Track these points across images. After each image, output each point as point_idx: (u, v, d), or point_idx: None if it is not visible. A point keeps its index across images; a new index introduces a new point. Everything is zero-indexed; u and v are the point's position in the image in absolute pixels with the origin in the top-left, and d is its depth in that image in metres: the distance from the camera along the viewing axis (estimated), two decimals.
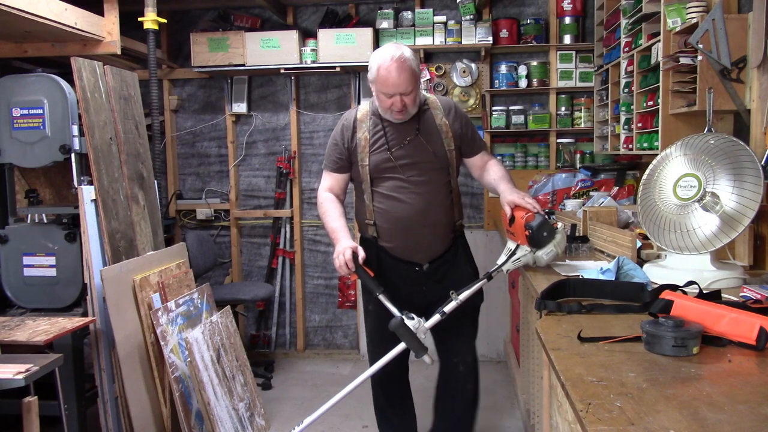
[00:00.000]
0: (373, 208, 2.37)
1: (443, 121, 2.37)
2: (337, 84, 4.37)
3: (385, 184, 2.35)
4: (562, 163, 4.20)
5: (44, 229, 2.93)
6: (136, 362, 2.71)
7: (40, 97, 2.79)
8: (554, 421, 1.60)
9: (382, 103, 2.27)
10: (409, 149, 2.32)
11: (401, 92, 2.21)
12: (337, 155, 2.40)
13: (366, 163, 2.34)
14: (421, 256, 2.38)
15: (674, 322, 1.34)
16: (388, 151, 2.32)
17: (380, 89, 2.23)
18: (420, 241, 2.36)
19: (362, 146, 2.34)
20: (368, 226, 2.40)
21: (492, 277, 2.18)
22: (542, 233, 2.11)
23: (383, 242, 2.39)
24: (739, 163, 1.80)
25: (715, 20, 2.18)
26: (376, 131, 2.35)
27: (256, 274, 4.52)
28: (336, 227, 2.32)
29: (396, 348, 2.13)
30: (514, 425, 3.26)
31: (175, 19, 4.39)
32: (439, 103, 2.42)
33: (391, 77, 2.18)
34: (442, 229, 2.39)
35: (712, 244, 1.81)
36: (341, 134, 2.39)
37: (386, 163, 2.32)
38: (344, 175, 2.44)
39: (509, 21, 4.10)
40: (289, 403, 3.61)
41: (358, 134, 2.35)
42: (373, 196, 2.37)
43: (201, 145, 4.50)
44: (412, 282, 2.39)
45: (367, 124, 2.36)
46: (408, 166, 2.32)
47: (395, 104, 2.23)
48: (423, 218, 2.33)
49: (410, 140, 2.32)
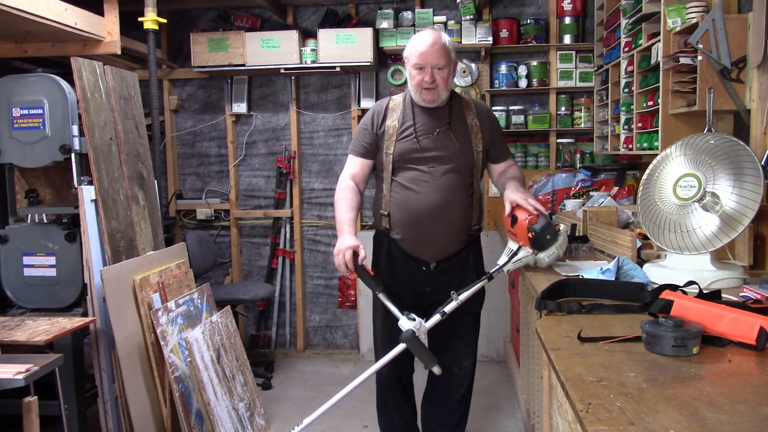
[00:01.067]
0: (389, 198, 2.35)
1: (475, 122, 2.36)
2: (337, 84, 4.37)
3: (405, 174, 2.33)
4: (562, 163, 4.20)
5: (44, 229, 2.93)
6: (136, 362, 2.71)
7: (40, 97, 2.79)
8: (554, 421, 1.60)
9: (412, 79, 2.27)
10: (437, 141, 2.31)
11: (432, 64, 2.21)
12: (366, 140, 2.39)
13: (391, 151, 2.32)
14: (430, 254, 2.36)
15: (674, 322, 1.34)
16: (415, 139, 2.30)
17: (412, 61, 2.24)
18: (430, 237, 2.33)
19: (390, 134, 2.33)
20: (382, 217, 2.38)
21: (493, 277, 2.18)
22: (545, 236, 2.10)
23: (394, 234, 2.37)
24: (739, 163, 1.80)
25: (715, 20, 2.18)
26: (405, 120, 2.34)
27: (256, 274, 4.53)
28: (343, 219, 2.28)
29: (396, 348, 2.12)
30: (514, 425, 3.25)
31: (175, 19, 4.39)
32: (473, 104, 2.42)
33: (424, 46, 2.20)
34: (455, 229, 2.36)
35: (712, 244, 1.81)
36: (371, 120, 2.38)
37: (412, 153, 2.30)
38: (369, 162, 2.41)
39: (509, 21, 4.10)
40: (289, 403, 3.61)
41: (388, 121, 2.35)
42: (392, 185, 2.35)
43: (201, 145, 4.50)
44: (417, 280, 2.38)
45: (398, 113, 2.35)
46: (432, 159, 2.30)
47: (426, 78, 2.22)
48: (438, 214, 2.30)
49: (439, 132, 2.31)
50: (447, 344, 2.48)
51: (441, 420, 2.57)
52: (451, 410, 2.55)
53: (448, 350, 2.48)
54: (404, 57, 2.31)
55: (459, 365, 2.49)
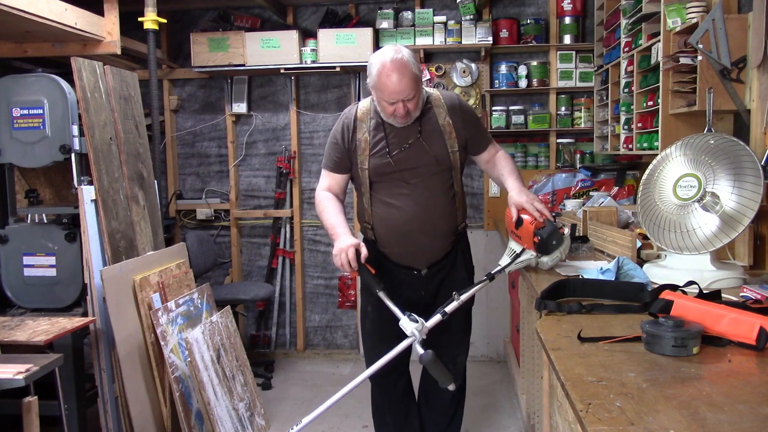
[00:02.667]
0: (371, 213, 2.33)
1: (447, 121, 2.27)
2: (337, 84, 4.37)
3: (384, 190, 2.28)
4: (562, 163, 4.20)
5: (44, 229, 2.93)
6: (136, 362, 2.71)
7: (40, 97, 2.79)
8: (554, 421, 1.60)
9: (384, 110, 2.17)
10: (410, 153, 2.24)
11: (403, 99, 2.11)
12: (337, 155, 2.32)
13: (366, 167, 2.26)
14: (420, 262, 2.35)
15: (674, 322, 1.34)
16: (389, 155, 2.23)
17: (381, 96, 2.14)
18: (418, 248, 2.32)
19: (362, 148, 2.26)
20: (367, 229, 2.37)
21: (494, 277, 2.17)
22: (552, 241, 2.06)
23: (381, 247, 2.36)
24: (739, 163, 1.80)
25: (715, 20, 2.18)
26: (376, 133, 2.26)
27: (256, 274, 4.52)
28: (335, 223, 2.23)
29: (397, 347, 2.11)
30: (514, 425, 3.25)
31: (175, 19, 4.39)
32: (442, 99, 2.30)
33: (392, 84, 2.07)
34: (441, 236, 2.34)
35: (712, 244, 1.81)
36: (341, 134, 2.30)
37: (386, 167, 2.24)
38: (344, 176, 2.36)
39: (509, 21, 4.10)
40: (289, 403, 3.61)
41: (358, 135, 2.27)
42: (372, 200, 2.31)
43: (201, 145, 4.50)
44: (410, 285, 2.38)
45: (368, 124, 2.26)
46: (408, 171, 2.25)
47: (398, 111, 2.13)
48: (422, 226, 2.27)
49: (411, 143, 2.23)
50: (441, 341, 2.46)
51: (437, 416, 2.59)
52: (447, 405, 2.56)
53: (443, 347, 2.47)
54: (369, 82, 2.17)
55: (454, 361, 2.50)
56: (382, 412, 2.61)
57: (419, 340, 2.01)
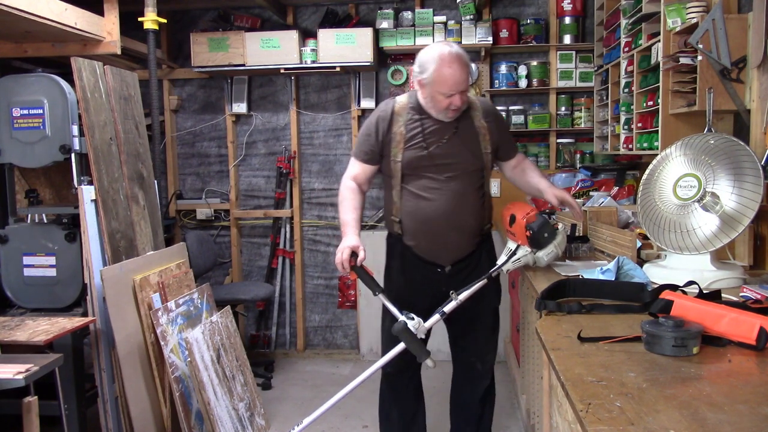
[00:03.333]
0: (400, 206, 2.34)
1: (482, 123, 2.33)
2: (337, 84, 4.37)
3: (416, 182, 2.31)
4: (562, 163, 4.20)
5: (44, 229, 2.93)
6: (136, 362, 2.71)
7: (40, 97, 2.79)
8: (554, 421, 1.60)
9: (438, 103, 2.21)
10: (447, 148, 2.28)
11: (461, 90, 2.17)
12: (369, 146, 2.35)
13: (399, 159, 2.29)
14: (445, 258, 2.36)
15: (674, 322, 1.34)
16: (425, 149, 2.27)
17: (439, 90, 2.17)
18: (445, 243, 2.33)
19: (397, 141, 2.29)
20: (393, 222, 2.38)
21: (492, 277, 2.18)
22: (543, 234, 2.11)
23: (407, 241, 2.37)
24: (739, 163, 1.80)
25: (715, 20, 2.18)
26: (413, 127, 2.29)
27: (256, 274, 4.52)
28: (347, 220, 2.28)
29: (396, 348, 2.13)
30: (514, 425, 3.25)
31: (175, 19, 4.39)
32: (479, 103, 2.37)
33: (453, 75, 2.14)
34: (468, 233, 2.35)
35: (712, 244, 1.81)
36: (376, 126, 2.33)
37: (421, 161, 2.28)
38: (372, 167, 2.39)
39: (509, 21, 4.09)
40: (289, 403, 3.61)
41: (394, 128, 2.30)
42: (402, 193, 2.33)
43: (201, 145, 4.50)
44: (433, 282, 2.37)
45: (404, 118, 2.30)
46: (443, 166, 2.28)
47: (454, 102, 2.18)
48: (451, 220, 2.29)
49: (448, 139, 2.28)
50: (471, 341, 2.50)
51: (467, 415, 2.60)
52: (476, 404, 2.57)
53: (472, 347, 2.51)
54: (422, 77, 2.21)
55: (482, 360, 2.52)
56: (389, 409, 2.60)
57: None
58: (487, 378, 2.55)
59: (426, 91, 2.22)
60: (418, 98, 2.29)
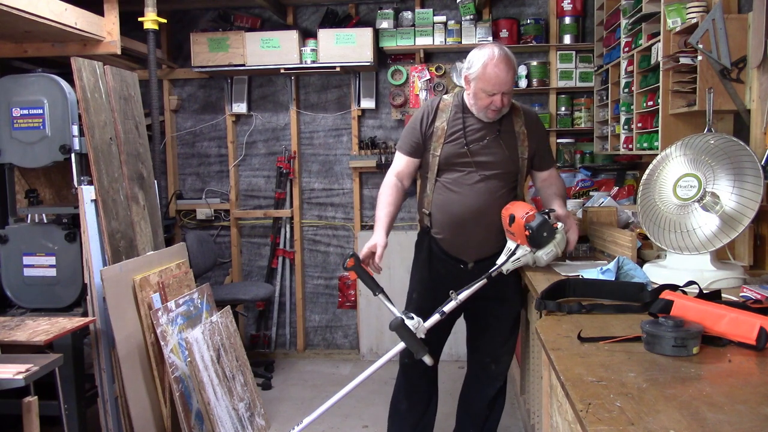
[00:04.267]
0: (432, 198, 2.40)
1: (522, 130, 2.39)
2: (337, 84, 4.37)
3: (450, 177, 2.37)
4: (562, 163, 4.20)
5: (44, 229, 2.93)
6: (136, 362, 2.71)
7: (40, 97, 2.79)
8: (554, 421, 1.60)
9: (480, 101, 2.27)
10: (486, 148, 2.34)
11: (504, 91, 2.23)
12: (414, 140, 2.42)
13: (438, 153, 2.36)
14: (469, 255, 2.41)
15: (674, 322, 1.34)
16: (465, 145, 2.33)
17: (483, 87, 2.24)
18: (470, 239, 2.38)
19: (438, 135, 2.36)
20: (424, 215, 2.44)
21: (492, 277, 2.18)
22: (542, 233, 2.12)
23: (435, 233, 2.42)
24: (739, 163, 1.80)
25: (715, 20, 2.18)
26: (455, 123, 2.36)
27: (256, 274, 4.52)
28: (379, 216, 2.36)
29: (396, 347, 2.13)
30: (514, 425, 3.25)
31: (175, 19, 4.39)
32: (522, 111, 2.44)
33: (500, 75, 2.20)
34: (495, 232, 2.37)
35: (712, 244, 1.81)
36: (421, 119, 2.40)
37: (459, 157, 2.34)
38: (416, 160, 2.45)
39: (509, 21, 4.09)
40: (289, 403, 3.61)
41: (437, 123, 2.37)
42: (436, 187, 2.39)
43: (201, 145, 4.50)
44: (455, 278, 2.38)
45: (448, 115, 2.37)
46: (480, 164, 2.34)
47: (495, 102, 2.24)
48: (479, 217, 2.34)
49: (489, 139, 2.34)
50: (487, 342, 2.52)
51: (473, 415, 2.61)
52: (485, 405, 2.58)
53: (488, 348, 2.53)
54: (468, 72, 2.28)
55: (497, 360, 2.54)
56: (400, 401, 2.60)
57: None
58: (500, 381, 2.57)
59: (471, 87, 2.30)
60: (464, 97, 2.38)
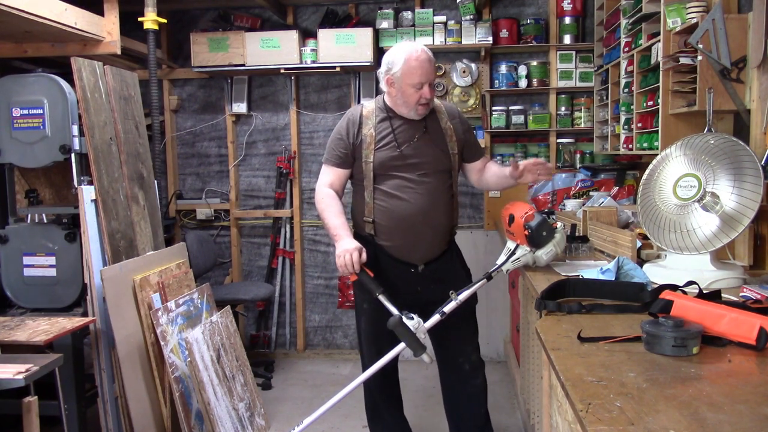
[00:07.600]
0: (373, 206, 2.36)
1: (448, 125, 2.41)
2: (337, 84, 4.37)
3: (388, 182, 2.34)
4: (562, 163, 4.20)
5: (44, 229, 2.93)
6: (136, 362, 2.71)
7: (40, 97, 2.79)
8: (554, 421, 1.60)
9: (408, 98, 2.28)
10: (417, 148, 2.34)
11: (431, 81, 2.27)
12: (341, 150, 2.39)
13: (371, 160, 2.33)
14: (418, 257, 2.39)
15: (674, 322, 1.34)
16: (397, 148, 2.33)
17: (410, 81, 2.25)
18: (419, 241, 2.36)
19: (368, 142, 2.34)
20: (366, 223, 2.39)
21: (492, 277, 2.18)
22: (541, 233, 2.13)
23: (381, 241, 2.38)
24: (739, 163, 1.80)
25: (715, 20, 2.19)
26: (383, 128, 2.35)
27: (256, 274, 4.52)
28: (337, 224, 2.30)
29: (397, 348, 2.12)
30: (514, 425, 3.25)
31: (175, 19, 4.39)
32: (443, 107, 2.46)
33: (425, 65, 2.24)
34: (441, 232, 2.41)
35: (712, 244, 1.81)
36: (346, 129, 2.38)
37: (393, 161, 2.33)
38: (345, 171, 2.42)
39: (509, 21, 4.09)
40: (289, 403, 3.61)
41: (364, 130, 2.35)
42: (375, 193, 2.36)
43: (201, 145, 4.50)
44: (407, 282, 2.39)
45: (373, 121, 2.36)
46: (414, 165, 2.33)
47: (424, 94, 2.26)
48: (425, 219, 2.33)
49: (418, 138, 2.34)
50: (451, 343, 2.51)
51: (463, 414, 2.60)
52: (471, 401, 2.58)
53: (454, 348, 2.52)
54: (391, 73, 2.28)
55: (468, 359, 2.53)
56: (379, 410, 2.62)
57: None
58: (479, 376, 2.56)
59: (395, 87, 2.30)
60: (385, 101, 2.39)
